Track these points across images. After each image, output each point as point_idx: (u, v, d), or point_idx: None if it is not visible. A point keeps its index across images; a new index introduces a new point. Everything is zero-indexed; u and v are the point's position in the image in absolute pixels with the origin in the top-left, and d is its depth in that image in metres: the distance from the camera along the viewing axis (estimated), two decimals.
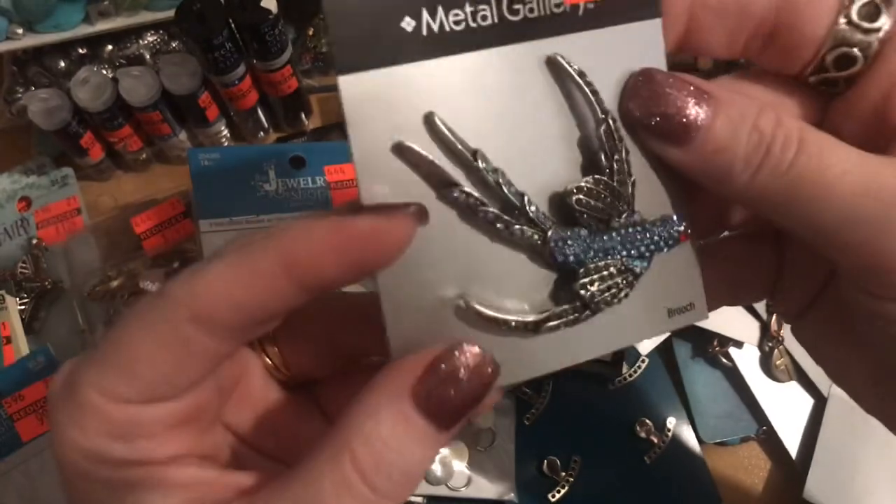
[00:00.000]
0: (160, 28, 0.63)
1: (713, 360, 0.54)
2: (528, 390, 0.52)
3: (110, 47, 0.62)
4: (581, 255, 0.22)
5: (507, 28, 0.21)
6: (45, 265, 0.59)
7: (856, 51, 0.22)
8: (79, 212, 0.62)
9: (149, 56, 0.62)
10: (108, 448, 0.20)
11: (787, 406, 0.52)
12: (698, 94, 0.21)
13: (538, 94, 0.22)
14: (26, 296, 0.58)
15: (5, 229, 0.61)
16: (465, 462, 0.49)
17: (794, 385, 0.53)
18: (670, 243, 0.24)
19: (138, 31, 0.62)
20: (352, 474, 0.18)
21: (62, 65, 0.61)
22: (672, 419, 0.53)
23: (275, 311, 0.20)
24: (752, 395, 0.52)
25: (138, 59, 0.62)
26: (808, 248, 0.23)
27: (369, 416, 0.19)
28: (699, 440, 0.52)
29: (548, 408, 0.52)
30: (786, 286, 0.28)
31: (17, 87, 0.62)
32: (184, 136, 0.64)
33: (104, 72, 0.60)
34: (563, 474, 0.50)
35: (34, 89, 0.60)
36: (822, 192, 0.20)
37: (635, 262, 0.23)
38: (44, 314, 0.58)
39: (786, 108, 0.24)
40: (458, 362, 0.19)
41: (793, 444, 0.51)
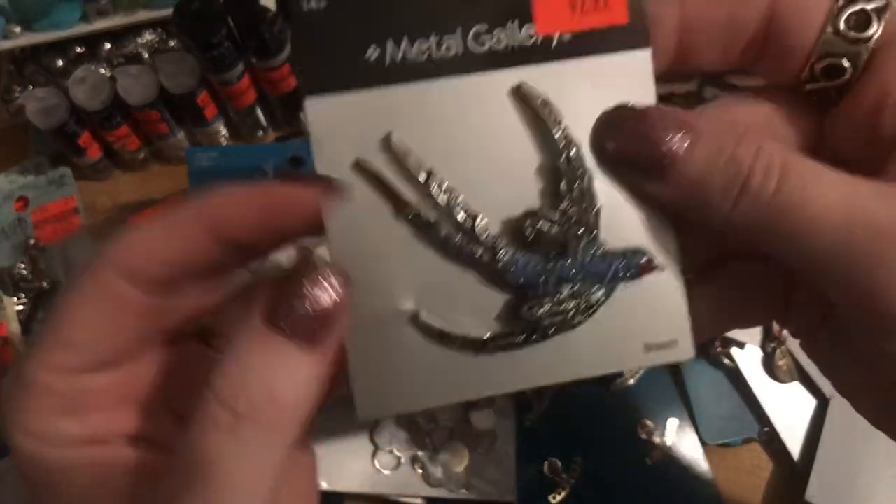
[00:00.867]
0: (158, 27, 0.62)
1: (715, 361, 0.54)
2: (529, 392, 0.52)
3: (108, 46, 0.62)
4: (532, 280, 0.22)
5: (472, 58, 0.21)
6: (42, 265, 0.59)
7: (843, 61, 0.21)
8: (76, 212, 0.62)
9: (147, 55, 0.62)
10: (60, 425, 0.20)
11: (790, 407, 0.52)
12: (675, 125, 0.21)
13: (502, 122, 0.22)
14: (24, 296, 0.58)
15: (3, 229, 0.61)
16: (466, 464, 0.49)
17: (796, 386, 0.53)
18: (630, 275, 0.23)
19: (136, 29, 0.62)
20: (215, 407, 0.18)
21: (60, 64, 0.61)
22: (674, 420, 0.52)
23: (199, 265, 0.21)
24: (754, 396, 0.52)
25: (136, 58, 0.62)
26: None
27: (227, 346, 0.19)
28: (701, 441, 0.52)
29: (549, 409, 0.51)
30: (796, 307, 0.26)
31: (15, 86, 0.62)
32: (182, 135, 0.63)
33: (102, 71, 0.60)
34: (563, 476, 0.50)
35: (32, 88, 0.60)
36: (805, 226, 0.19)
37: (591, 290, 0.23)
38: (42, 315, 0.58)
39: (785, 122, 0.23)
40: (309, 283, 0.20)
41: (795, 446, 0.51)
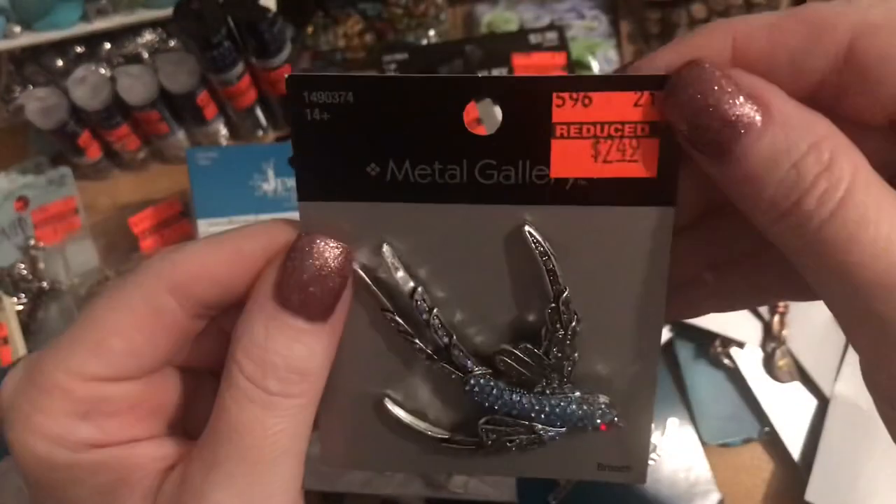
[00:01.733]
0: (158, 26, 0.62)
1: (715, 361, 0.54)
2: None
3: (108, 46, 0.62)
4: (494, 405, 0.23)
5: (478, 189, 0.20)
6: (42, 265, 0.59)
7: None
8: (76, 211, 0.62)
9: (147, 55, 0.62)
10: (73, 428, 0.20)
11: (790, 407, 0.52)
12: (751, 103, 0.18)
13: (500, 255, 0.21)
14: (24, 296, 0.57)
15: (3, 229, 0.61)
16: None
17: (796, 386, 0.53)
18: (591, 428, 0.23)
19: (136, 29, 0.62)
20: (245, 384, 0.20)
21: (60, 63, 0.61)
22: (674, 420, 0.52)
23: (243, 292, 0.21)
24: (754, 396, 0.52)
25: (136, 58, 0.62)
26: None
27: (244, 329, 0.20)
28: (701, 441, 0.52)
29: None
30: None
31: (15, 86, 0.62)
32: (182, 135, 0.63)
33: (102, 70, 0.60)
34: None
35: (31, 88, 0.60)
36: (841, 272, 0.17)
37: (547, 430, 0.23)
38: (41, 314, 0.58)
39: (869, 144, 0.20)
40: (308, 256, 0.20)
41: (795, 446, 0.51)
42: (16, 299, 0.57)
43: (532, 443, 0.23)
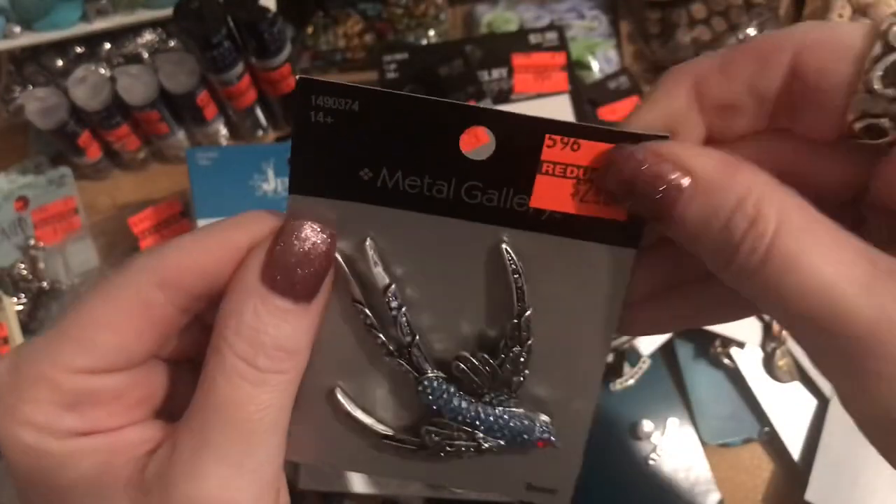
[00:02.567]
0: (158, 26, 0.62)
1: (715, 361, 0.54)
2: None
3: (108, 46, 0.62)
4: (442, 407, 0.24)
5: (461, 206, 0.21)
6: (42, 265, 0.59)
7: (884, 121, 0.20)
8: (76, 211, 0.62)
9: (147, 55, 0.62)
10: (60, 418, 0.21)
11: (790, 407, 0.52)
12: (677, 174, 0.20)
13: (474, 269, 0.22)
14: (24, 296, 0.57)
15: (3, 229, 0.61)
16: None
17: (796, 386, 0.53)
18: (529, 443, 0.24)
19: (136, 29, 0.62)
20: (236, 362, 0.21)
21: (59, 63, 0.61)
22: (674, 420, 0.52)
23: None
24: (754, 396, 0.52)
25: (136, 58, 0.62)
26: None
27: (232, 310, 0.21)
28: (701, 441, 0.52)
29: None
30: None
31: (15, 86, 0.62)
32: (182, 135, 0.63)
33: (102, 70, 0.60)
34: None
35: (31, 88, 0.60)
36: (786, 311, 0.19)
37: (487, 439, 0.24)
38: (41, 314, 0.58)
39: (818, 165, 0.22)
40: (296, 238, 0.21)
41: (795, 446, 0.51)
42: (16, 299, 0.57)
43: (470, 449, 0.24)
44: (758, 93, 0.21)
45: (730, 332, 0.53)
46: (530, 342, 0.23)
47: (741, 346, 0.53)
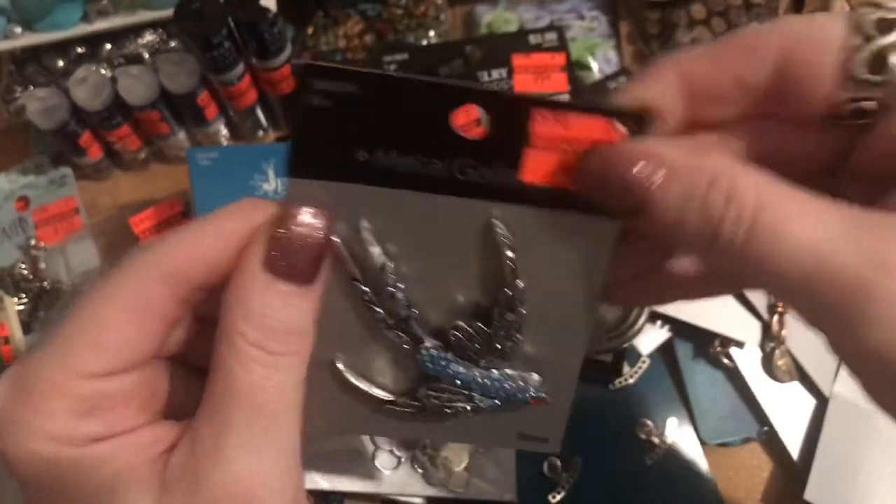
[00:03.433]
0: (159, 27, 0.62)
1: (714, 361, 0.54)
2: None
3: (109, 46, 0.62)
4: (440, 373, 0.25)
5: (455, 184, 0.22)
6: (43, 265, 0.59)
7: (869, 104, 0.21)
8: (77, 212, 0.62)
9: (147, 55, 0.62)
10: (76, 425, 0.21)
11: (789, 407, 0.52)
12: (649, 166, 0.21)
13: (467, 243, 0.23)
14: (24, 296, 0.58)
15: (3, 229, 0.61)
16: (466, 464, 0.49)
17: (795, 385, 0.53)
18: (522, 401, 0.26)
19: (137, 29, 0.62)
20: (249, 349, 0.21)
21: (60, 64, 0.61)
22: (673, 420, 0.52)
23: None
24: (754, 396, 0.52)
25: (137, 58, 0.62)
26: None
27: (240, 298, 0.21)
28: (700, 441, 0.52)
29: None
30: None
31: (16, 87, 0.62)
32: (182, 135, 0.63)
33: (102, 71, 0.60)
34: (563, 475, 0.50)
35: (32, 88, 0.60)
36: (773, 272, 0.19)
37: (483, 400, 0.26)
38: (42, 314, 0.58)
39: (797, 142, 0.23)
40: (295, 224, 0.22)
41: (794, 445, 0.51)
42: (16, 299, 0.57)
43: (467, 410, 0.26)
44: (744, 84, 0.22)
45: (729, 332, 0.53)
46: (522, 310, 0.24)
47: (740, 345, 0.54)
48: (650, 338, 0.54)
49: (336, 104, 0.21)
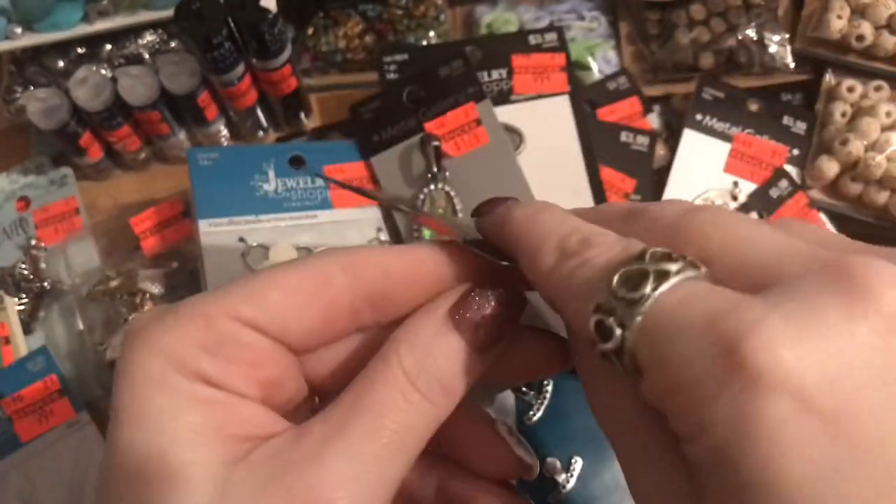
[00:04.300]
0: (159, 27, 0.63)
1: None
2: (529, 390, 0.52)
3: (109, 47, 0.62)
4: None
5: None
6: (43, 265, 0.59)
7: (611, 320, 0.18)
8: (77, 212, 0.62)
9: (148, 55, 0.62)
10: (195, 357, 0.20)
11: None
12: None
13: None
14: (25, 296, 0.58)
15: (4, 229, 0.61)
16: None
17: None
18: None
19: (137, 30, 0.62)
20: (398, 373, 0.21)
21: (61, 64, 0.61)
22: None
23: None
24: None
25: (137, 59, 0.62)
26: None
27: (413, 328, 0.22)
28: None
29: (548, 408, 0.52)
30: None
31: (16, 87, 0.62)
32: (183, 135, 0.63)
33: (103, 71, 0.60)
34: (563, 475, 0.50)
35: (33, 89, 0.60)
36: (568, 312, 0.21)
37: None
38: (43, 314, 0.58)
39: None
40: (490, 299, 0.22)
41: None
42: (17, 299, 0.57)
43: None
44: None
45: None
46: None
47: None
48: None
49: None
